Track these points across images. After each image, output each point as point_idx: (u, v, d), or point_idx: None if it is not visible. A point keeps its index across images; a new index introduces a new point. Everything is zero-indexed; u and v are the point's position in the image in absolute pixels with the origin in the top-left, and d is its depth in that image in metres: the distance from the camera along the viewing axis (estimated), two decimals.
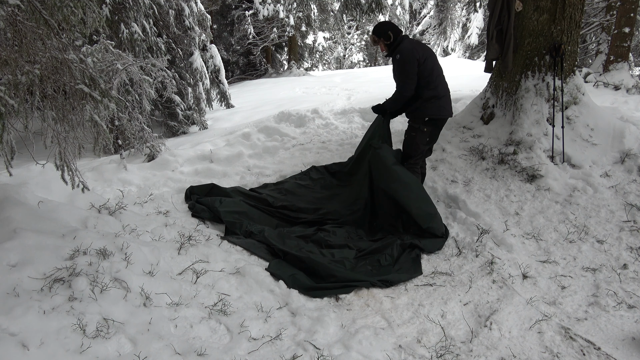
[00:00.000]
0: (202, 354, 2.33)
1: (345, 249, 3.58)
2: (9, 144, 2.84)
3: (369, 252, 3.55)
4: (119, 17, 7.15)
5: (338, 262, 3.39)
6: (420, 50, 3.85)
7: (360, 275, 3.23)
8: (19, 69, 2.68)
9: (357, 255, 3.54)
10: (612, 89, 8.14)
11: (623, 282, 3.15)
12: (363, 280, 3.17)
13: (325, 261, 3.34)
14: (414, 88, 3.83)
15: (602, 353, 2.54)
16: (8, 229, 2.76)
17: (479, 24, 20.53)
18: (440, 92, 3.90)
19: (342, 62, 30.48)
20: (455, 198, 4.22)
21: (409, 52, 3.78)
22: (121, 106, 4.77)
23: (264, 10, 16.25)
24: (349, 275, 3.20)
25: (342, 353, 2.46)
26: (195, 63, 8.95)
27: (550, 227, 3.79)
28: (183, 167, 5.20)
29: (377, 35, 3.93)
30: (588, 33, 11.99)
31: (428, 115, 3.93)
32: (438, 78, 3.92)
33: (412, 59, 3.76)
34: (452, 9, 10.78)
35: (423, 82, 3.84)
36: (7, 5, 2.54)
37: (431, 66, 3.86)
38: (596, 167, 4.40)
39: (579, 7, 4.71)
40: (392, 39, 3.87)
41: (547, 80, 4.79)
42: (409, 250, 3.53)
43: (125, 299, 2.52)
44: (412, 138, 4.01)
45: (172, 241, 3.36)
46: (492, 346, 2.59)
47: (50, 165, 3.14)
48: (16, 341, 2.04)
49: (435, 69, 3.91)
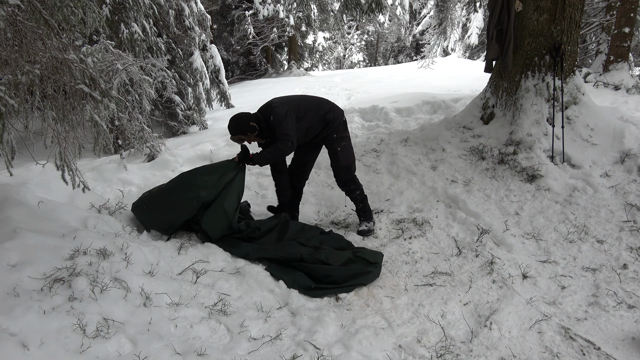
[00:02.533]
0: (202, 354, 2.33)
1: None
2: (9, 143, 2.85)
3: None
4: (119, 17, 7.15)
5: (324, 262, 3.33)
6: (287, 97, 3.79)
7: (355, 269, 3.24)
8: (19, 69, 2.68)
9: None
10: (612, 89, 8.15)
11: (623, 282, 3.15)
12: (362, 273, 3.19)
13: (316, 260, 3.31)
14: (296, 139, 3.54)
15: (602, 353, 2.54)
16: (8, 229, 2.76)
17: (479, 24, 20.51)
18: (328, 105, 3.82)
19: (342, 62, 30.48)
20: (455, 198, 4.22)
21: (283, 104, 3.58)
22: (121, 106, 4.77)
23: (264, 10, 16.26)
24: (346, 273, 3.21)
25: (342, 353, 2.46)
26: (195, 63, 8.96)
27: (550, 227, 3.79)
28: (183, 167, 5.20)
29: (243, 133, 3.55)
30: (588, 33, 11.99)
31: (341, 119, 3.83)
32: (318, 101, 3.83)
33: (289, 109, 3.54)
34: (452, 9, 10.76)
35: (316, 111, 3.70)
36: (7, 5, 2.54)
37: (306, 98, 3.81)
38: (596, 167, 4.41)
39: (579, 7, 4.71)
40: (259, 124, 3.57)
41: (547, 80, 4.79)
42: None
43: (125, 299, 2.52)
44: (345, 147, 3.85)
45: (172, 241, 3.36)
46: (492, 346, 2.59)
47: (50, 165, 3.14)
48: (16, 341, 2.04)
49: (310, 97, 3.89)
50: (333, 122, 3.76)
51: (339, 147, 3.82)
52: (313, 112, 3.70)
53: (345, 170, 3.88)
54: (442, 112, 7.10)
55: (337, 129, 3.80)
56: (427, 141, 5.39)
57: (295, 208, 4.15)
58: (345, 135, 3.86)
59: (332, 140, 3.81)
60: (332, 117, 3.75)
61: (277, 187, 3.99)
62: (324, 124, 3.74)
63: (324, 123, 3.74)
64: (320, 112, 3.72)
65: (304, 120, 3.65)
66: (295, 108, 3.62)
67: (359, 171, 4.93)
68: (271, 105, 3.62)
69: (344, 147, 3.84)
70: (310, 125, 3.70)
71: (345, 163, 3.86)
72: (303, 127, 3.66)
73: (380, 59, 33.14)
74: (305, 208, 4.33)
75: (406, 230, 3.88)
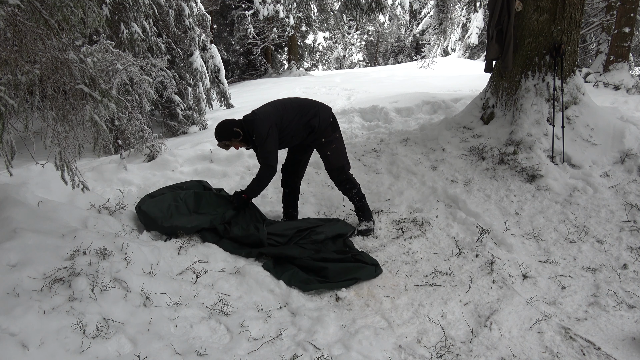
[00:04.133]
0: (202, 354, 2.33)
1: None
2: (9, 143, 2.84)
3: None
4: (119, 17, 7.15)
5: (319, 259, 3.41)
6: (272, 107, 3.67)
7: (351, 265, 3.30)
8: (19, 69, 2.68)
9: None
10: (612, 89, 8.15)
11: (623, 282, 3.14)
12: (358, 267, 3.26)
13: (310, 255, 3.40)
14: (277, 159, 3.60)
15: (602, 353, 2.54)
16: (8, 229, 2.76)
17: (479, 24, 20.53)
18: (313, 109, 3.74)
19: (342, 62, 30.49)
20: (455, 198, 4.22)
21: (265, 120, 3.54)
22: (121, 106, 4.76)
23: (264, 10, 16.26)
24: (342, 266, 3.27)
25: (342, 353, 2.46)
26: (195, 63, 8.95)
27: (550, 227, 3.79)
28: (183, 167, 5.20)
29: (227, 139, 3.59)
30: (588, 33, 11.99)
31: (328, 123, 3.77)
32: (304, 105, 3.76)
33: (271, 124, 3.52)
34: (452, 9, 10.75)
35: (301, 118, 3.65)
36: (7, 5, 2.54)
37: (291, 105, 3.71)
38: (596, 167, 4.40)
39: (579, 7, 4.71)
40: (242, 131, 3.58)
41: (547, 80, 4.79)
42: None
43: (125, 299, 2.52)
44: (336, 149, 3.81)
45: (172, 241, 3.36)
46: (492, 346, 2.59)
47: (50, 165, 3.14)
48: (16, 341, 2.04)
49: (295, 102, 3.77)
50: (318, 128, 3.72)
51: (328, 150, 3.81)
52: (296, 122, 3.67)
53: (338, 172, 3.89)
54: (442, 112, 7.09)
55: (324, 133, 3.76)
56: (427, 141, 5.39)
57: (294, 208, 4.15)
58: (334, 138, 3.81)
59: (321, 145, 3.80)
60: (317, 123, 3.70)
61: (284, 204, 4.13)
62: (309, 130, 3.72)
63: (309, 129, 3.72)
64: (303, 120, 3.68)
65: (287, 129, 3.65)
66: (278, 120, 3.60)
67: (359, 171, 4.93)
68: (254, 120, 3.58)
69: (334, 150, 3.81)
70: (295, 134, 3.70)
71: (337, 165, 3.86)
72: (287, 135, 3.68)
73: (380, 59, 33.15)
74: (305, 208, 4.33)
75: (406, 230, 3.88)
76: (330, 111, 3.87)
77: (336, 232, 3.76)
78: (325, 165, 3.93)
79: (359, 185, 3.99)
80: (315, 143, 3.82)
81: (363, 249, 3.67)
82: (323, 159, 3.88)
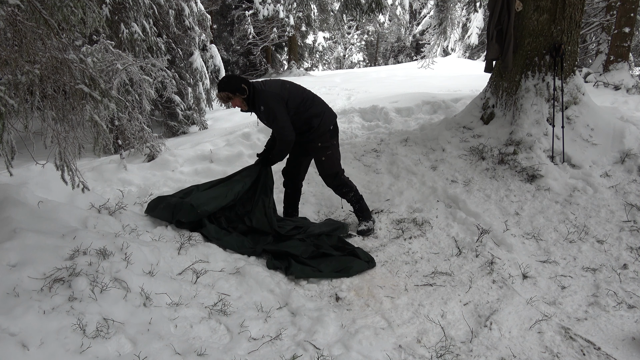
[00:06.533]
0: (202, 354, 2.33)
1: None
2: (9, 143, 2.85)
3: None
4: (119, 17, 7.15)
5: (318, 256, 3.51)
6: (279, 87, 3.62)
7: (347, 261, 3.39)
8: (19, 69, 2.68)
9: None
10: (612, 89, 8.16)
11: (623, 282, 3.15)
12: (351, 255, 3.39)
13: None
14: (292, 129, 3.57)
15: (602, 353, 2.54)
16: (8, 229, 2.76)
17: (479, 24, 20.53)
18: (318, 108, 3.71)
19: (342, 62, 30.49)
20: (455, 198, 4.22)
21: (273, 96, 3.51)
22: (121, 106, 4.77)
23: (264, 10, 16.27)
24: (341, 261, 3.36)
25: (342, 353, 2.46)
26: (195, 63, 8.96)
27: (550, 227, 3.79)
28: (183, 167, 5.20)
29: (231, 91, 3.50)
30: (588, 33, 11.99)
31: (328, 128, 3.73)
32: (311, 99, 3.71)
33: (279, 100, 3.51)
34: (452, 9, 10.74)
35: (302, 112, 3.63)
36: (7, 5, 2.54)
37: (297, 93, 3.65)
38: (596, 167, 4.40)
39: (579, 7, 4.71)
40: (248, 91, 3.52)
41: (547, 80, 4.79)
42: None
43: (125, 299, 2.51)
44: (331, 156, 3.80)
45: (172, 241, 3.36)
46: (492, 346, 2.59)
47: (50, 165, 3.14)
48: (16, 341, 2.04)
49: (302, 92, 3.70)
50: (317, 129, 3.69)
51: (323, 156, 3.80)
52: (296, 112, 3.63)
53: (332, 178, 3.89)
54: (442, 112, 7.10)
55: (322, 136, 3.73)
56: (427, 141, 5.39)
57: (295, 208, 4.15)
58: (331, 144, 3.79)
59: (317, 149, 3.78)
60: (317, 124, 3.68)
61: (285, 202, 4.17)
62: (308, 126, 3.69)
63: (307, 126, 3.69)
64: (305, 114, 3.65)
65: (288, 114, 3.63)
66: (284, 99, 3.57)
67: (359, 171, 4.93)
68: (264, 92, 3.54)
69: (329, 156, 3.80)
70: (293, 122, 3.64)
71: (331, 171, 3.86)
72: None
73: (380, 59, 33.15)
74: (305, 208, 4.33)
75: (406, 230, 3.88)
76: (335, 118, 3.84)
77: (332, 228, 3.85)
78: (319, 172, 3.93)
79: (355, 187, 3.99)
80: (311, 145, 3.79)
81: (363, 249, 3.67)
82: (317, 164, 3.87)
